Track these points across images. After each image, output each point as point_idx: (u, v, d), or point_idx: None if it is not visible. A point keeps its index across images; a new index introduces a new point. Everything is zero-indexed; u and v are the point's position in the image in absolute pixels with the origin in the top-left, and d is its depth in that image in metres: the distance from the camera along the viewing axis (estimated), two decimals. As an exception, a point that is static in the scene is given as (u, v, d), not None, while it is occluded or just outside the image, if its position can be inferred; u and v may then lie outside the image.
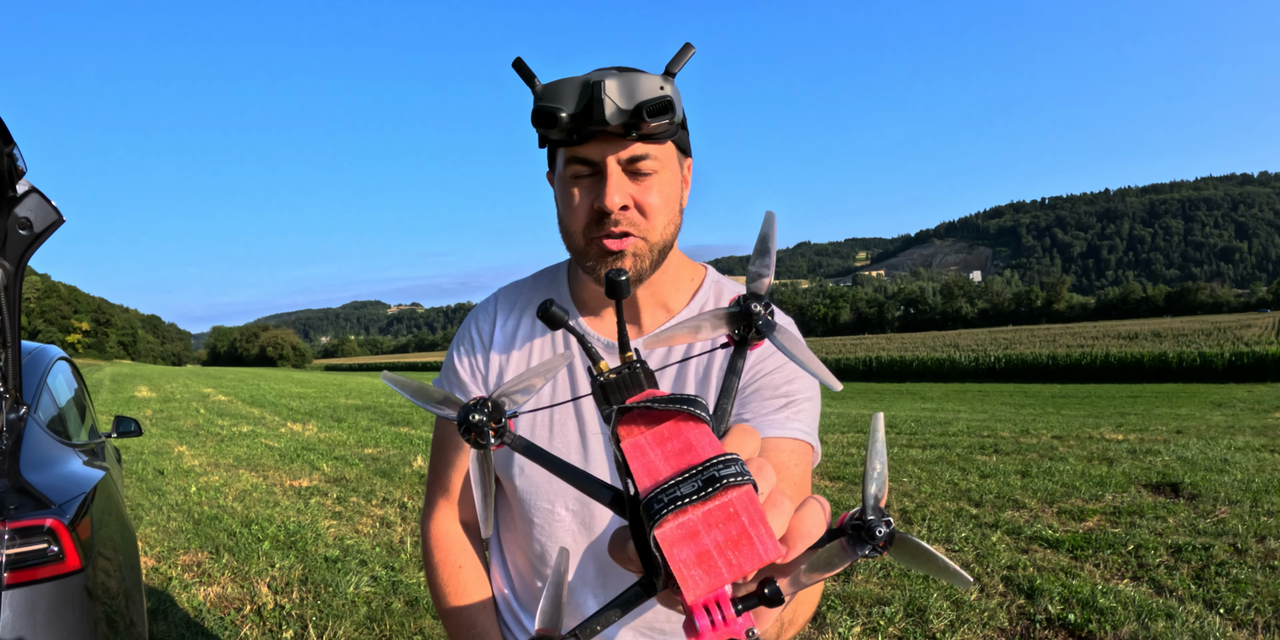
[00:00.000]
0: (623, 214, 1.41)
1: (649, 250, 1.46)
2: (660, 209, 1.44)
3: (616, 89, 1.30)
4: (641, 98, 1.31)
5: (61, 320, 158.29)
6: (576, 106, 1.32)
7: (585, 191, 1.43)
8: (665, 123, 1.35)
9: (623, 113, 1.31)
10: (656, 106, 1.31)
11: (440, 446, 1.75)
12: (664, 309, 1.63)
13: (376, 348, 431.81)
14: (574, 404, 1.60)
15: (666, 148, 1.44)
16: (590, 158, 1.40)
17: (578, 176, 1.43)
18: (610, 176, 1.39)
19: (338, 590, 6.05)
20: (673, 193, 1.48)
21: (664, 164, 1.44)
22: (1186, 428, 14.19)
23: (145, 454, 13.91)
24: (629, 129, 1.35)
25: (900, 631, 4.98)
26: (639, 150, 1.39)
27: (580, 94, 1.32)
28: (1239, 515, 7.13)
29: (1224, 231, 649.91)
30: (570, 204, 1.45)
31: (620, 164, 1.40)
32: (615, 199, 1.38)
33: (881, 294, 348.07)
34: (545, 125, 1.34)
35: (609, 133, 1.36)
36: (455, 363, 1.72)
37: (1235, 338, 52.69)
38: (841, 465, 10.48)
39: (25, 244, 3.28)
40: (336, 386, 40.41)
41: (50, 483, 3.24)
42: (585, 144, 1.39)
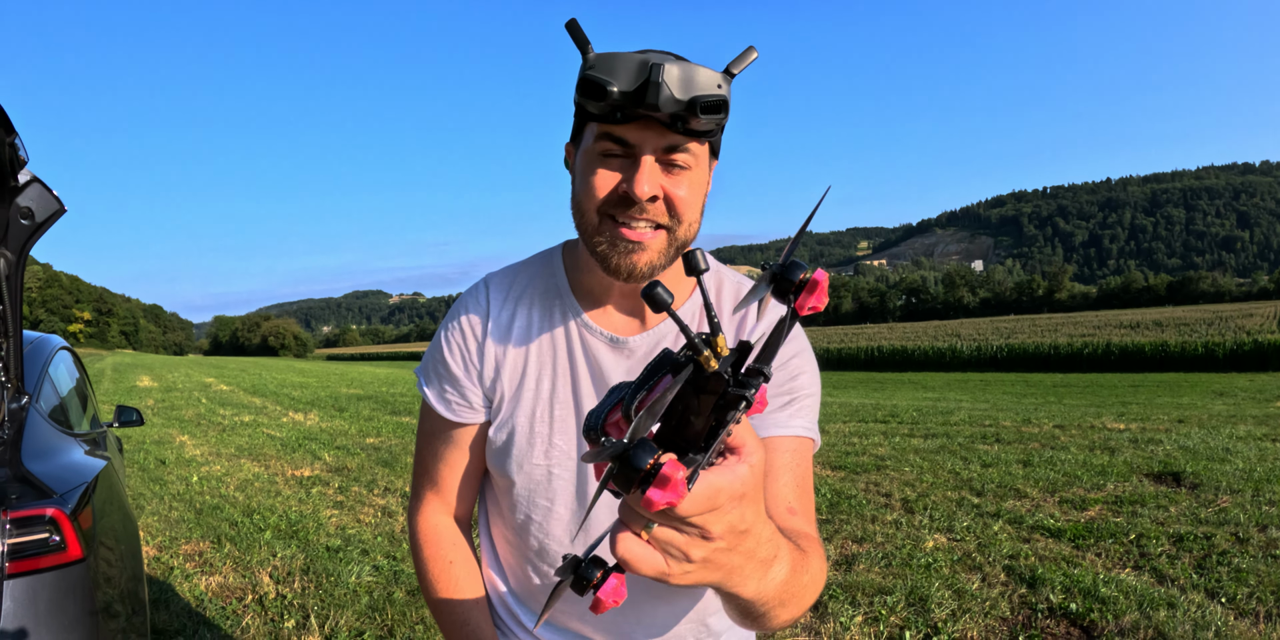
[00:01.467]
0: (650, 205, 1.37)
1: (668, 246, 1.43)
2: (689, 204, 1.40)
3: (676, 77, 1.26)
4: (698, 92, 1.27)
5: (63, 310, 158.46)
6: (631, 85, 1.27)
7: (613, 170, 1.38)
8: (714, 122, 1.31)
9: (677, 102, 1.26)
10: (711, 104, 1.27)
11: (428, 439, 1.72)
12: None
13: (378, 337, 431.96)
14: (573, 397, 1.58)
15: (703, 147, 1.41)
16: (628, 139, 1.35)
17: (607, 154, 1.38)
18: (644, 164, 1.35)
19: (339, 580, 6.05)
20: (701, 191, 1.44)
21: (698, 161, 1.40)
22: (1188, 417, 14.19)
23: (147, 444, 13.92)
24: (676, 120, 1.31)
25: (902, 621, 4.98)
26: (679, 142, 1.35)
27: (637, 73, 1.27)
28: (1240, 504, 7.13)
29: (1225, 221, 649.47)
30: (591, 181, 1.39)
31: (656, 153, 1.36)
32: (645, 187, 1.34)
33: (883, 283, 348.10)
34: (593, 97, 1.28)
35: (655, 119, 1.32)
36: (445, 356, 1.65)
37: (1237, 327, 52.68)
38: (843, 454, 10.49)
39: (27, 234, 3.27)
40: (338, 376, 40.45)
41: (52, 472, 3.24)
42: (626, 124, 1.34)
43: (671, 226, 1.40)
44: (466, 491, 1.73)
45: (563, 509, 1.59)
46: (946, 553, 6.19)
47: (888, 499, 7.98)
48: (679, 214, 1.39)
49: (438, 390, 1.66)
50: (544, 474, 1.58)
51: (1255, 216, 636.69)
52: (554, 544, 1.60)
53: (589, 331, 1.58)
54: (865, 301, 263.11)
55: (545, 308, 1.62)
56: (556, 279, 1.64)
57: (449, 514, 1.73)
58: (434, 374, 1.68)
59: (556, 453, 1.57)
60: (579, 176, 1.44)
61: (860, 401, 20.91)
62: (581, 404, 1.57)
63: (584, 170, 1.41)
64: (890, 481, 8.77)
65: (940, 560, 6.01)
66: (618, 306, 1.59)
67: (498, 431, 1.61)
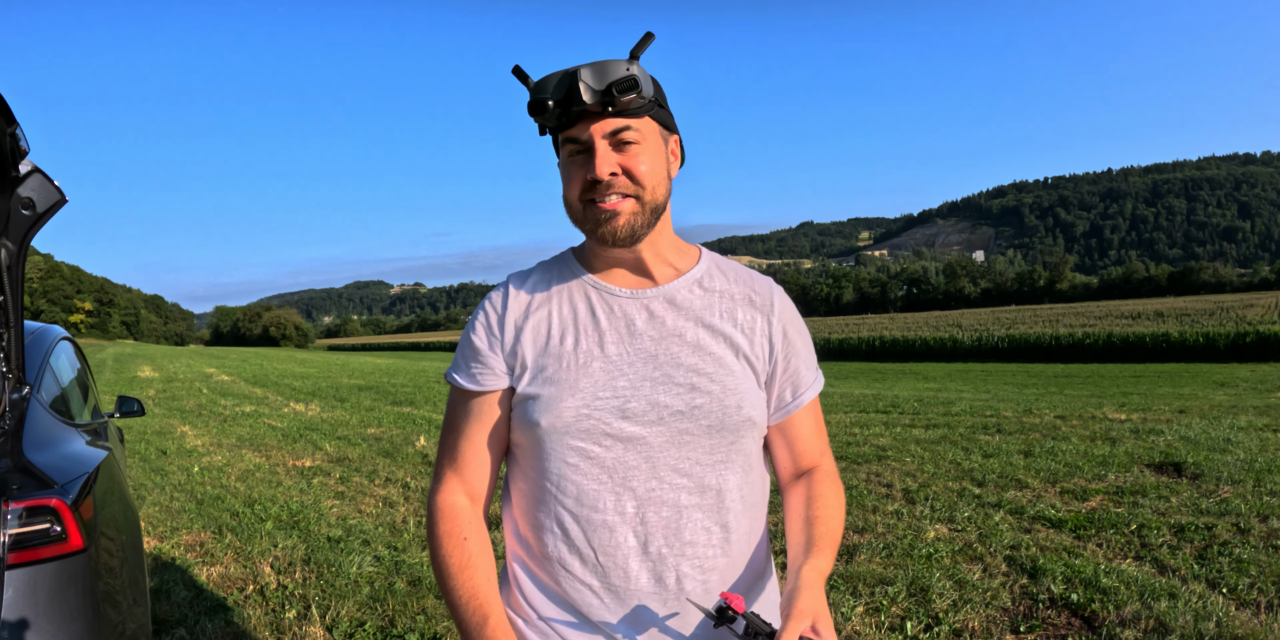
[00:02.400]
0: (613, 180, 1.61)
1: (641, 209, 1.65)
2: (648, 173, 1.63)
3: (590, 74, 1.56)
4: (611, 78, 1.56)
5: (64, 300, 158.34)
6: (560, 94, 1.57)
7: (579, 167, 1.64)
8: (633, 97, 1.58)
9: (596, 93, 1.56)
10: (624, 84, 1.55)
11: (451, 422, 1.82)
12: (672, 268, 1.80)
13: (379, 328, 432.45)
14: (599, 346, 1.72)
15: (645, 122, 1.65)
16: (579, 137, 1.62)
17: (572, 154, 1.65)
18: (598, 150, 1.60)
19: (340, 570, 6.06)
20: (658, 161, 1.67)
21: (645, 136, 1.64)
22: (1189, 407, 14.18)
23: (148, 434, 13.94)
24: (605, 105, 1.57)
25: (903, 611, 4.98)
26: (619, 124, 1.60)
27: (562, 83, 1.58)
28: (1242, 495, 7.13)
29: (1227, 211, 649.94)
30: (569, 178, 1.67)
31: (605, 138, 1.61)
32: (604, 168, 1.60)
33: (884, 274, 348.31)
34: (537, 114, 1.61)
35: (589, 111, 1.59)
36: (471, 338, 1.79)
37: (1238, 317, 52.64)
38: (844, 445, 10.50)
39: (28, 224, 3.27)
40: (339, 366, 40.50)
41: (53, 463, 3.23)
42: (573, 126, 1.61)
43: (638, 194, 1.64)
44: (485, 472, 1.79)
45: (598, 449, 1.68)
46: (948, 543, 6.20)
47: (889, 489, 7.99)
48: (640, 181, 1.63)
49: (464, 369, 1.79)
50: (574, 415, 1.66)
51: (1256, 207, 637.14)
52: (593, 484, 1.68)
53: (606, 292, 1.76)
54: (866, 292, 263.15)
55: (563, 283, 1.79)
56: (570, 266, 1.83)
57: (468, 494, 1.78)
58: (460, 359, 1.81)
59: (585, 395, 1.67)
60: (563, 180, 1.70)
61: (861, 392, 20.93)
62: (608, 350, 1.71)
63: (563, 173, 1.70)
64: (891, 472, 8.78)
65: (941, 551, 6.01)
66: (628, 272, 1.79)
67: (528, 386, 1.72)
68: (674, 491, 1.68)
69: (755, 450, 1.80)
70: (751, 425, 1.74)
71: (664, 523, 1.67)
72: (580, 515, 1.67)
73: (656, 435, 1.67)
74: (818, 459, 1.88)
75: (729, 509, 1.72)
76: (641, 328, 1.72)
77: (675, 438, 1.68)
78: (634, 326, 1.72)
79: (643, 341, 1.71)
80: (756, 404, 1.75)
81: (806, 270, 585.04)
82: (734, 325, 1.76)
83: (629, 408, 1.67)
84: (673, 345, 1.71)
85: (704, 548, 1.69)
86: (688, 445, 1.68)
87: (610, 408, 1.66)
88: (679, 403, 1.67)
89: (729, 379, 1.71)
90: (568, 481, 1.68)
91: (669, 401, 1.67)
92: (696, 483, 1.69)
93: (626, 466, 1.67)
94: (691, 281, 1.79)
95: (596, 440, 1.67)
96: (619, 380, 1.68)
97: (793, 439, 1.85)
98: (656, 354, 1.70)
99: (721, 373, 1.71)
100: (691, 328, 1.73)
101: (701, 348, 1.72)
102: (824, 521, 1.73)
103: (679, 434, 1.67)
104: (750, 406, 1.73)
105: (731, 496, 1.73)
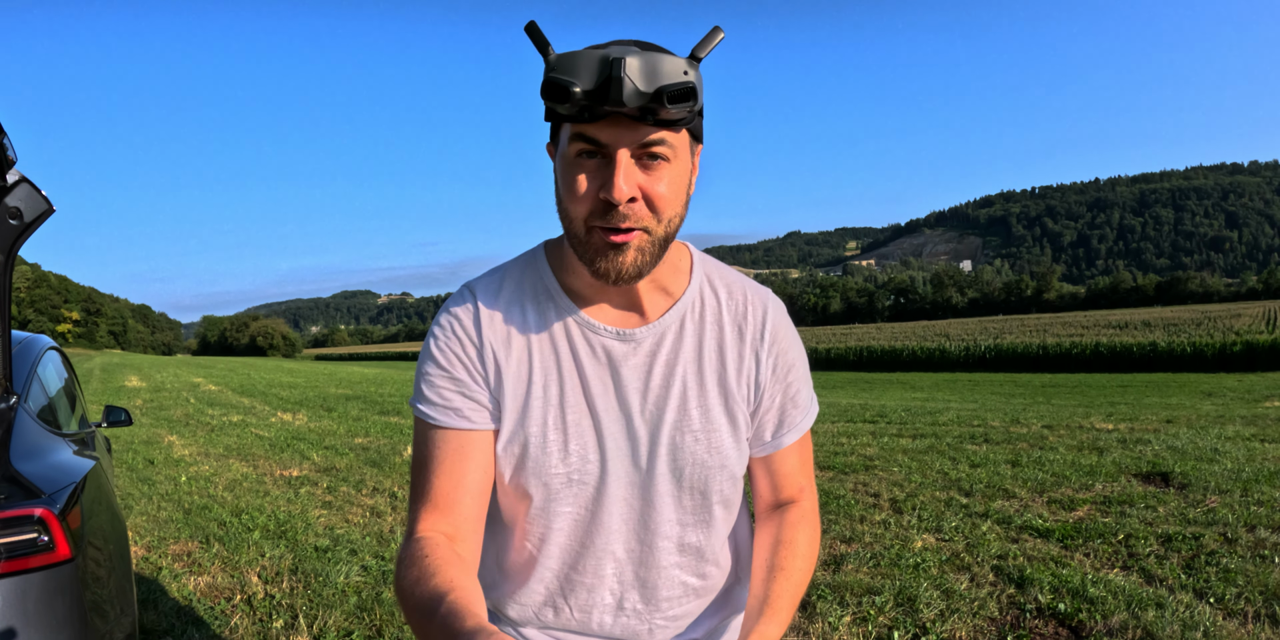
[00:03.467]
0: (629, 207, 1.33)
1: (652, 245, 1.39)
2: (669, 201, 1.36)
3: (638, 69, 1.22)
4: (663, 81, 1.23)
5: (51, 310, 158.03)
6: (593, 83, 1.23)
7: (591, 176, 1.34)
8: (685, 111, 1.27)
9: (641, 95, 1.23)
10: (678, 92, 1.23)
11: (424, 462, 1.52)
12: (663, 293, 1.57)
13: (367, 337, 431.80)
14: (585, 400, 1.54)
15: (681, 135, 1.36)
16: (599, 139, 1.30)
17: (582, 155, 1.34)
18: (619, 165, 1.30)
19: (328, 580, 6.04)
20: (682, 183, 1.39)
21: (677, 152, 1.35)
22: (1177, 417, 14.23)
23: (135, 443, 13.90)
24: (645, 113, 1.27)
25: (890, 621, 4.98)
26: (653, 136, 1.30)
27: (599, 70, 1.23)
28: (1229, 505, 7.15)
29: (1214, 221, 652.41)
30: (573, 187, 1.35)
31: (631, 150, 1.31)
32: (623, 189, 1.30)
33: (872, 283, 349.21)
34: (556, 99, 1.25)
35: (624, 115, 1.28)
36: (441, 362, 1.53)
37: (1225, 327, 52.92)
38: (831, 455, 10.50)
39: (15, 234, 3.27)
40: (327, 376, 40.45)
41: (40, 472, 3.23)
42: (596, 123, 1.30)
43: (650, 226, 1.36)
44: (474, 512, 1.50)
45: (583, 511, 1.56)
46: (935, 553, 6.20)
47: (876, 499, 7.99)
48: (659, 211, 1.36)
49: (435, 401, 1.51)
50: (563, 481, 1.53)
51: (1244, 217, 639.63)
52: (576, 546, 1.58)
53: (591, 330, 1.54)
54: (854, 301, 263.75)
55: (539, 312, 1.56)
56: (545, 280, 1.58)
57: (453, 533, 1.47)
58: (428, 386, 1.53)
59: (574, 459, 1.52)
60: (560, 180, 1.40)
61: (849, 402, 20.94)
62: (595, 406, 1.53)
63: (564, 174, 1.38)
64: (878, 481, 8.78)
65: (928, 560, 6.01)
66: (613, 303, 1.55)
67: (509, 445, 1.53)
68: (654, 552, 1.59)
69: (737, 496, 1.68)
70: (735, 481, 1.64)
71: (642, 582, 1.60)
72: (560, 575, 1.60)
73: (640, 497, 1.57)
74: (797, 494, 1.71)
75: (709, 560, 1.65)
76: (626, 379, 1.54)
77: (658, 499, 1.57)
78: (618, 376, 1.54)
79: (626, 395, 1.54)
80: (742, 459, 1.63)
81: (794, 280, 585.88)
82: (722, 364, 1.59)
83: (614, 470, 1.54)
84: (657, 400, 1.55)
85: (680, 601, 1.64)
86: (671, 506, 1.58)
87: (597, 471, 1.53)
88: (662, 465, 1.55)
89: (714, 436, 1.57)
90: (550, 545, 1.57)
91: (654, 464, 1.55)
92: (677, 543, 1.60)
93: (608, 531, 1.56)
94: (681, 313, 1.58)
95: (584, 505, 1.55)
96: (606, 439, 1.53)
97: (775, 470, 1.70)
98: (640, 410, 1.54)
99: (707, 429, 1.56)
100: (679, 379, 1.56)
101: (686, 403, 1.56)
102: (788, 575, 1.56)
103: (662, 495, 1.57)
104: (735, 464, 1.61)
105: (712, 549, 1.65)
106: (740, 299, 1.64)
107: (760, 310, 1.65)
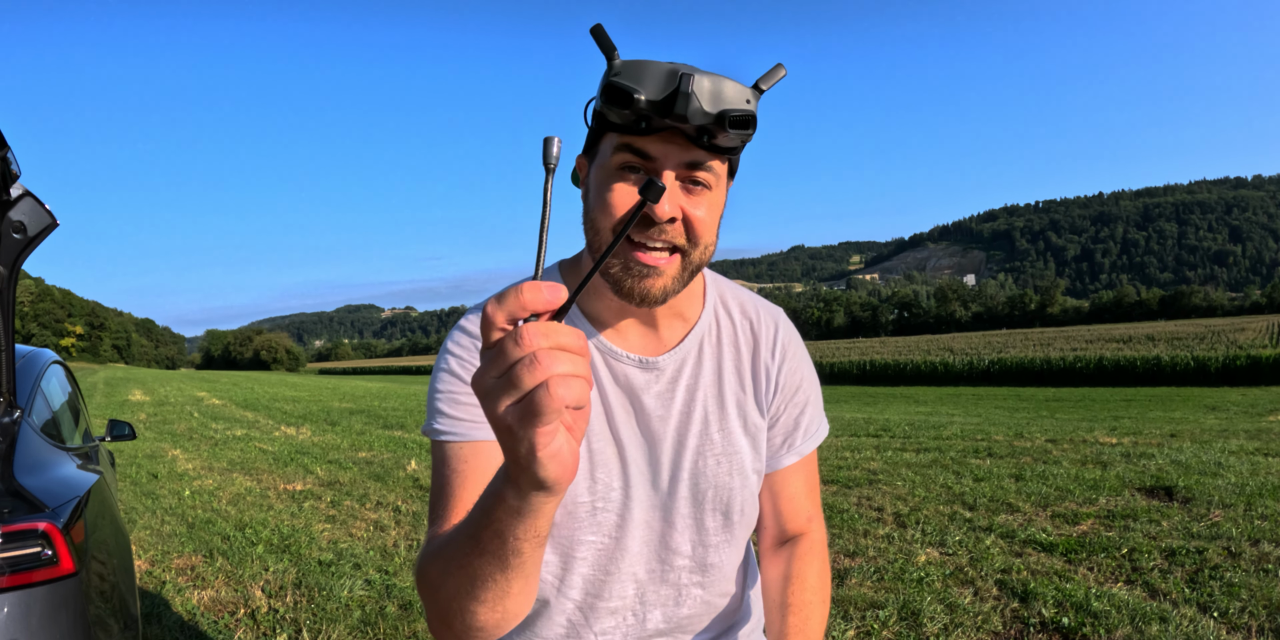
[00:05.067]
0: (668, 226, 1.31)
1: (682, 270, 1.37)
2: (706, 226, 1.35)
3: (706, 89, 1.22)
4: (727, 105, 1.23)
5: (55, 324, 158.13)
6: (659, 94, 1.22)
7: (630, 187, 1.31)
8: (740, 139, 1.28)
9: (705, 115, 1.22)
10: (740, 119, 1.23)
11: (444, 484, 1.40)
12: (680, 319, 1.56)
13: (370, 351, 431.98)
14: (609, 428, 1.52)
15: (723, 166, 1.35)
16: (650, 153, 1.28)
17: (625, 167, 1.31)
18: (666, 181, 1.28)
19: (331, 594, 6.04)
20: (718, 213, 1.38)
21: (718, 181, 1.35)
22: (1180, 431, 14.20)
23: (139, 458, 13.89)
24: (702, 134, 1.25)
25: (894, 635, 4.98)
26: (703, 159, 1.30)
27: (665, 82, 1.22)
28: (1233, 519, 7.13)
29: (1218, 235, 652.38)
30: (609, 199, 1.32)
31: (677, 171, 1.30)
32: (666, 207, 1.28)
33: (875, 297, 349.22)
34: (618, 104, 1.22)
35: (681, 132, 1.26)
36: (458, 382, 1.44)
37: (1229, 341, 52.84)
38: (835, 469, 10.48)
39: (19, 248, 3.28)
40: (330, 390, 40.40)
41: (44, 486, 3.23)
42: (649, 137, 1.28)
43: (687, 249, 1.35)
44: None
45: (607, 540, 1.53)
46: (939, 567, 6.19)
47: (880, 513, 7.98)
48: (696, 236, 1.34)
49: (459, 416, 1.42)
50: (588, 510, 1.50)
51: (1247, 231, 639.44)
52: (600, 574, 1.55)
53: (614, 357, 1.51)
54: (857, 315, 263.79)
55: None
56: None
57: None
58: (449, 403, 1.44)
59: (600, 487, 1.50)
60: (594, 192, 1.36)
61: (853, 416, 20.91)
62: (619, 435, 1.51)
63: (599, 186, 1.35)
64: (882, 496, 8.77)
65: (932, 574, 6.00)
66: (634, 328, 1.53)
67: None
68: (675, 572, 1.58)
69: (755, 514, 1.68)
70: (755, 500, 1.65)
71: (663, 601, 1.59)
72: (584, 604, 1.56)
73: (662, 519, 1.56)
74: (804, 525, 1.71)
75: (726, 577, 1.65)
76: (649, 406, 1.52)
77: (680, 521, 1.56)
78: (640, 402, 1.52)
79: (649, 422, 1.52)
80: (760, 478, 1.65)
81: (798, 294, 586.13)
82: (740, 386, 1.60)
83: (637, 496, 1.52)
84: (679, 426, 1.54)
85: (700, 618, 1.65)
86: (692, 529, 1.57)
87: (621, 498, 1.51)
88: (685, 489, 1.54)
89: (736, 458, 1.57)
90: (574, 575, 1.54)
91: (676, 488, 1.54)
92: (698, 563, 1.59)
93: (631, 554, 1.54)
94: (700, 338, 1.58)
95: (608, 532, 1.52)
96: (630, 467, 1.51)
97: (778, 494, 1.69)
98: (663, 437, 1.53)
99: (729, 451, 1.57)
100: (700, 404, 1.55)
101: (708, 427, 1.55)
102: (800, 611, 1.60)
103: (684, 517, 1.56)
104: (756, 484, 1.63)
105: (731, 565, 1.65)
106: (753, 319, 1.66)
107: (772, 329, 1.67)
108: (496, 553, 1.00)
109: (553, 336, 0.77)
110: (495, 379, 0.79)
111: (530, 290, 0.78)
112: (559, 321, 0.79)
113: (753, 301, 1.69)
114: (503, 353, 0.78)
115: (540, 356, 0.76)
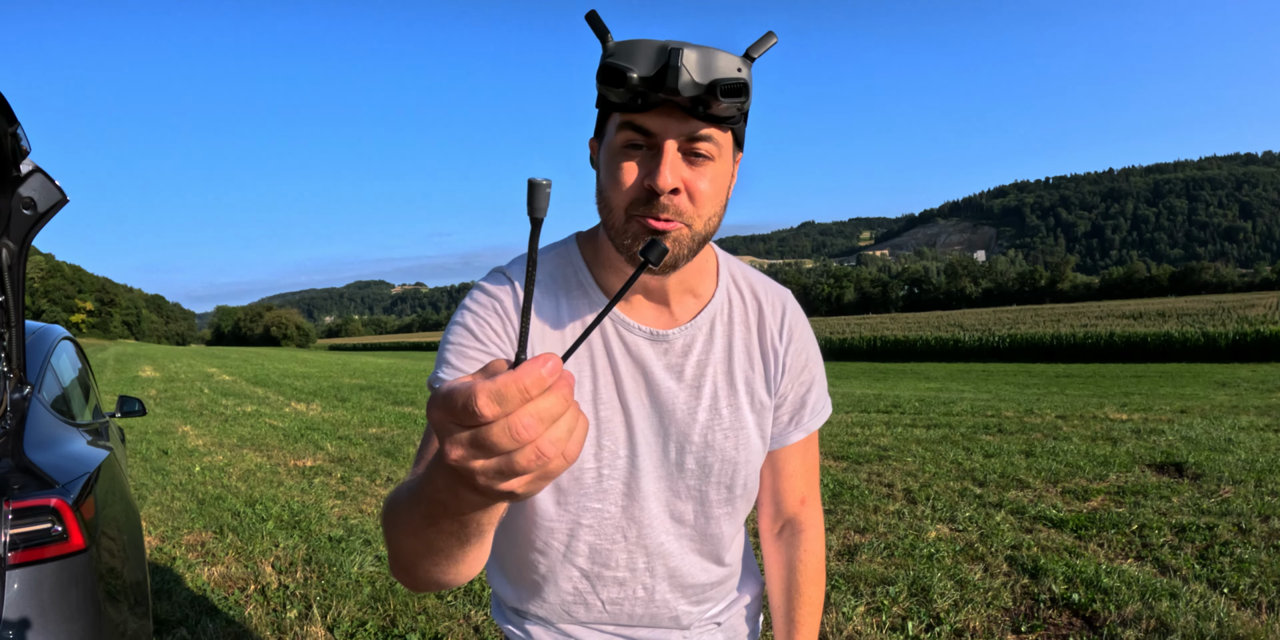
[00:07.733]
0: (671, 198, 1.33)
1: (690, 239, 1.39)
2: (710, 197, 1.37)
3: (695, 60, 1.25)
4: (718, 75, 1.26)
5: (65, 300, 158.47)
6: (650, 70, 1.26)
7: (636, 165, 1.35)
8: (735, 107, 1.30)
9: (696, 86, 1.25)
10: (731, 87, 1.26)
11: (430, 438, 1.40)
12: (692, 295, 1.58)
13: (380, 327, 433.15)
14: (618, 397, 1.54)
15: (726, 137, 1.37)
16: (649, 128, 1.32)
17: (629, 145, 1.35)
18: (666, 154, 1.31)
19: (341, 570, 6.06)
20: (723, 184, 1.40)
21: (721, 151, 1.36)
22: (1190, 407, 14.17)
23: (149, 434, 13.94)
24: (697, 105, 1.29)
25: (904, 611, 4.98)
26: (702, 130, 1.32)
27: (656, 58, 1.26)
28: (1243, 495, 7.13)
29: (1228, 211, 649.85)
30: (617, 176, 1.36)
31: (678, 143, 1.33)
32: (668, 179, 1.30)
33: (885, 273, 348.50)
34: (612, 84, 1.27)
35: (676, 105, 1.30)
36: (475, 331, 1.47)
37: (1239, 317, 52.58)
38: (846, 445, 10.49)
39: (29, 224, 3.27)
40: (340, 366, 40.52)
41: (54, 462, 3.23)
42: (647, 112, 1.32)
43: (691, 221, 1.36)
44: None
45: (613, 508, 1.56)
46: (949, 543, 6.20)
47: (890, 489, 7.99)
48: (699, 208, 1.36)
49: (457, 369, 1.45)
50: (594, 477, 1.53)
51: (1258, 207, 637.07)
52: (606, 543, 1.58)
53: (626, 327, 1.54)
54: (868, 292, 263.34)
55: (572, 305, 1.55)
56: (579, 275, 1.57)
57: None
58: (457, 354, 1.47)
59: (606, 454, 1.53)
60: (604, 171, 1.41)
61: (863, 392, 20.92)
62: (628, 403, 1.54)
63: (608, 164, 1.39)
64: (892, 472, 8.77)
65: (943, 551, 6.01)
66: (646, 304, 1.56)
67: None
68: (678, 540, 1.63)
69: (756, 488, 1.72)
70: (758, 475, 1.69)
71: (669, 572, 1.63)
72: (591, 572, 1.60)
73: (668, 493, 1.59)
74: (798, 507, 1.78)
75: (729, 548, 1.71)
76: (659, 378, 1.55)
77: (686, 493, 1.60)
78: (650, 375, 1.55)
79: (658, 393, 1.55)
80: (764, 455, 1.69)
81: (808, 270, 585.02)
82: (749, 364, 1.63)
83: (644, 466, 1.55)
84: (688, 399, 1.57)
85: (706, 588, 1.70)
86: (697, 500, 1.61)
87: (626, 466, 1.54)
88: (692, 461, 1.58)
89: (743, 433, 1.60)
90: (580, 542, 1.57)
91: (683, 460, 1.58)
92: (700, 532, 1.64)
93: (640, 525, 1.58)
94: (711, 316, 1.60)
95: (614, 501, 1.55)
96: (636, 436, 1.54)
97: (779, 471, 1.75)
98: (673, 409, 1.55)
99: (736, 426, 1.60)
100: (709, 380, 1.58)
101: (717, 402, 1.58)
102: (806, 594, 1.75)
103: (691, 489, 1.60)
104: (760, 459, 1.67)
105: (732, 537, 1.71)
106: (763, 299, 1.68)
107: (780, 309, 1.69)
108: (457, 533, 0.98)
109: (547, 418, 0.71)
110: (481, 458, 0.73)
111: (530, 375, 0.69)
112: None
113: (762, 282, 1.71)
114: (491, 442, 0.71)
115: (543, 447, 0.71)
